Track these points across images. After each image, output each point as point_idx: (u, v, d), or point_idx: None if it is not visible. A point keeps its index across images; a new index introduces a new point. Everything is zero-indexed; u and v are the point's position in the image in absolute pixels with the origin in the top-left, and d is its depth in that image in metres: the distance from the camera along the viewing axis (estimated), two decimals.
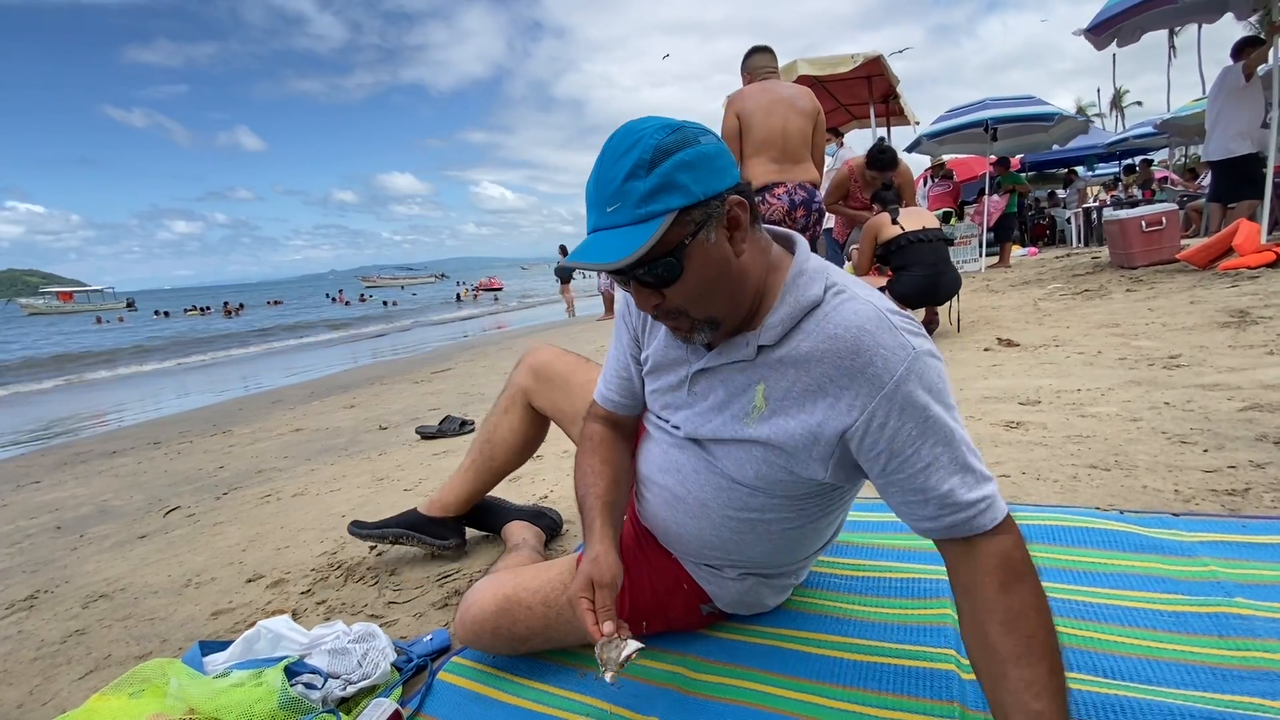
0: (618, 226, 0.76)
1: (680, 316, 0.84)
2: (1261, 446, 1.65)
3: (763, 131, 2.85)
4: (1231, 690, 0.87)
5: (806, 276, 0.86)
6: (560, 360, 1.44)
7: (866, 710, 0.93)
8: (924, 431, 0.77)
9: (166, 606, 1.64)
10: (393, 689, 1.10)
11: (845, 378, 0.79)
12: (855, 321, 0.80)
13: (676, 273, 0.78)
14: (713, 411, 0.94)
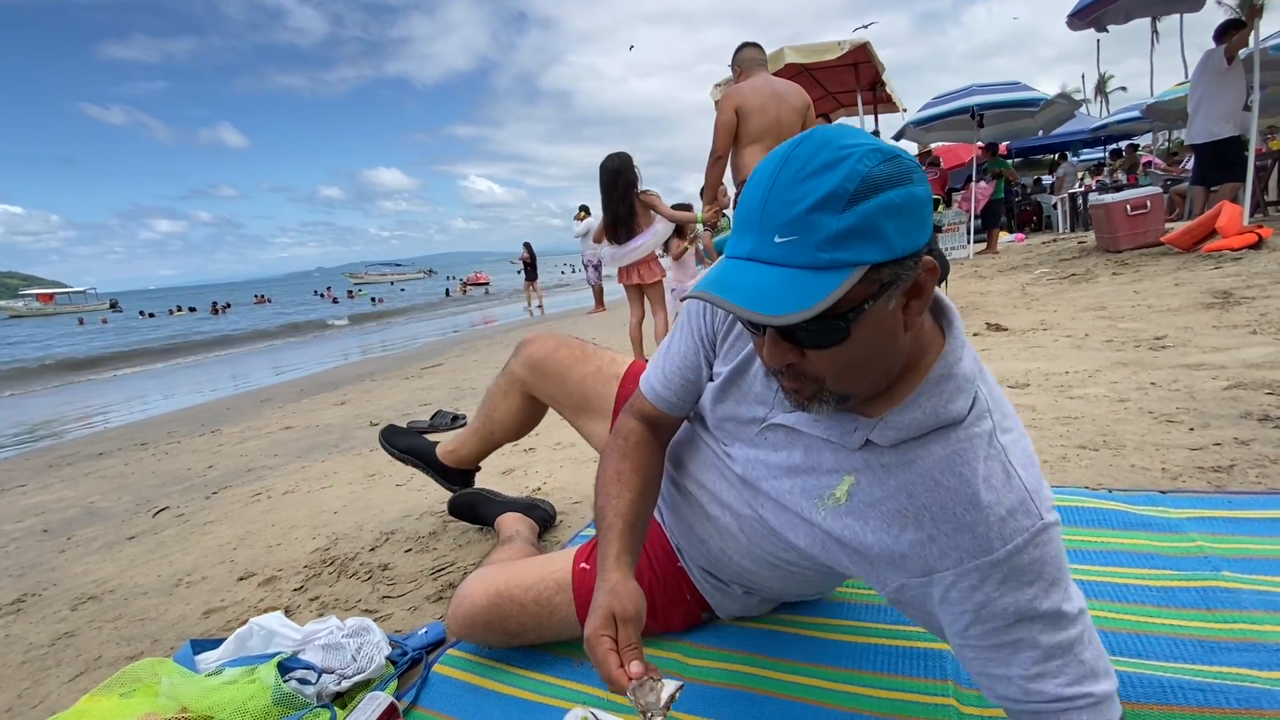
0: (785, 265, 0.59)
1: (808, 382, 0.68)
2: (1246, 424, 1.67)
3: (759, 123, 2.96)
4: (1219, 662, 0.88)
5: (954, 384, 0.70)
6: (558, 353, 1.37)
7: (861, 690, 0.94)
8: (1024, 612, 0.65)
9: (157, 607, 1.62)
10: (388, 682, 1.09)
11: (949, 523, 0.68)
12: (984, 470, 0.68)
13: (839, 339, 0.62)
14: (782, 473, 0.83)
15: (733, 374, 0.89)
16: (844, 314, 0.61)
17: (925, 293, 0.65)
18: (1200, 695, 0.81)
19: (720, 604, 1.10)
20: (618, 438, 0.98)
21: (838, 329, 0.62)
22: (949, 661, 0.96)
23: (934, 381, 0.71)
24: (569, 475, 2.16)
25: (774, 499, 0.84)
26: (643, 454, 0.96)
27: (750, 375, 0.87)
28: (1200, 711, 0.79)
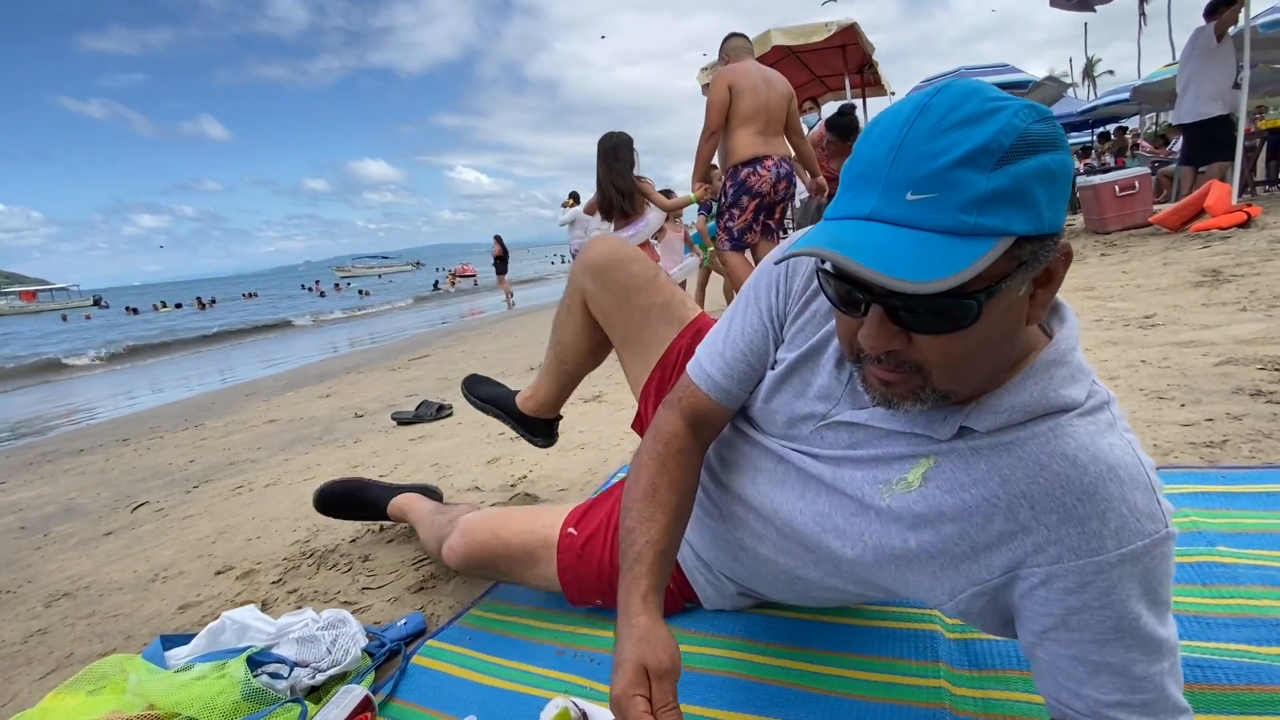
0: (918, 228, 0.51)
1: (910, 375, 0.59)
2: (1238, 399, 1.65)
3: (750, 104, 2.97)
4: (1217, 638, 0.86)
5: (1069, 370, 0.63)
6: (631, 266, 1.18)
7: (852, 674, 0.91)
8: (1122, 630, 0.57)
9: (131, 602, 1.58)
10: (364, 675, 1.06)
11: (1054, 516, 0.60)
12: (1107, 458, 0.59)
13: (965, 322, 0.54)
14: (842, 462, 0.75)
15: (797, 362, 0.79)
16: (976, 293, 0.52)
17: (1055, 282, 0.57)
18: (1199, 672, 0.79)
19: (709, 598, 1.07)
20: (657, 442, 0.85)
21: (967, 310, 0.53)
22: (940, 643, 0.93)
23: (1043, 366, 0.63)
24: (555, 464, 2.12)
25: (827, 485, 0.76)
26: (682, 467, 0.84)
27: (818, 365, 0.77)
28: (1199, 689, 0.77)
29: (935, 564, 0.68)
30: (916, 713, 0.82)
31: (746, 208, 3.09)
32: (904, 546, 0.69)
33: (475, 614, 1.21)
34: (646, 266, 1.20)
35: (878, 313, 0.57)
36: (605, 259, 1.19)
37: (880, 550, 0.71)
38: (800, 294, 0.80)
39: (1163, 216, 4.80)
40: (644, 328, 1.18)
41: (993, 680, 0.86)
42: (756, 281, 0.86)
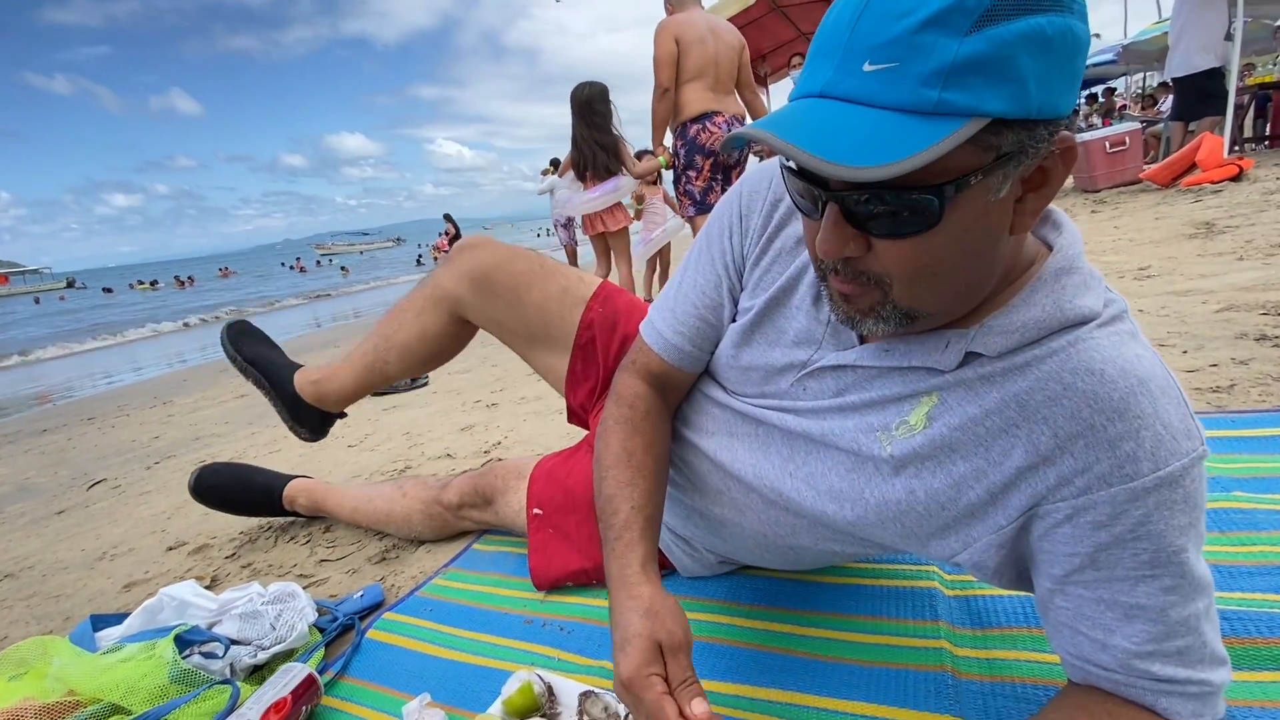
0: (873, 105, 0.43)
1: (868, 287, 0.52)
2: (1242, 344, 1.58)
3: (698, 57, 2.74)
4: (1240, 588, 0.79)
5: (1081, 277, 0.55)
6: (513, 265, 1.06)
7: (845, 636, 0.83)
8: (1158, 565, 0.50)
9: (75, 582, 1.47)
10: (313, 652, 0.96)
11: (1082, 440, 0.51)
12: (1136, 370, 0.51)
13: (926, 224, 0.46)
14: (832, 413, 0.65)
15: (767, 307, 0.70)
16: (939, 185, 0.44)
17: (1051, 184, 0.48)
18: (1228, 624, 0.72)
19: (687, 568, 0.99)
20: (621, 405, 0.78)
21: (926, 207, 0.45)
22: (939, 601, 0.86)
23: (1052, 276, 0.55)
24: (533, 428, 2.02)
25: (815, 442, 0.67)
26: (654, 428, 0.77)
27: (790, 307, 0.69)
28: (1231, 643, 0.69)
29: (946, 514, 0.59)
30: (916, 676, 0.74)
31: (702, 167, 2.86)
32: (910, 499, 0.60)
33: (438, 584, 1.12)
34: (529, 259, 1.08)
35: (833, 211, 0.49)
36: (483, 264, 1.05)
37: (884, 507, 0.62)
38: (760, 232, 0.71)
39: (1153, 172, 4.72)
40: (547, 322, 1.07)
41: (998, 639, 0.78)
42: (709, 226, 0.77)
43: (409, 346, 1.14)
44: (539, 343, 1.09)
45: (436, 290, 1.10)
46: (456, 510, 1.23)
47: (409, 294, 1.15)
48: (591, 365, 1.06)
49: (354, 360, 1.20)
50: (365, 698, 0.87)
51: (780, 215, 0.70)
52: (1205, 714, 0.51)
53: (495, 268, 1.05)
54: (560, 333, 1.06)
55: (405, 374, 1.19)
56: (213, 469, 1.39)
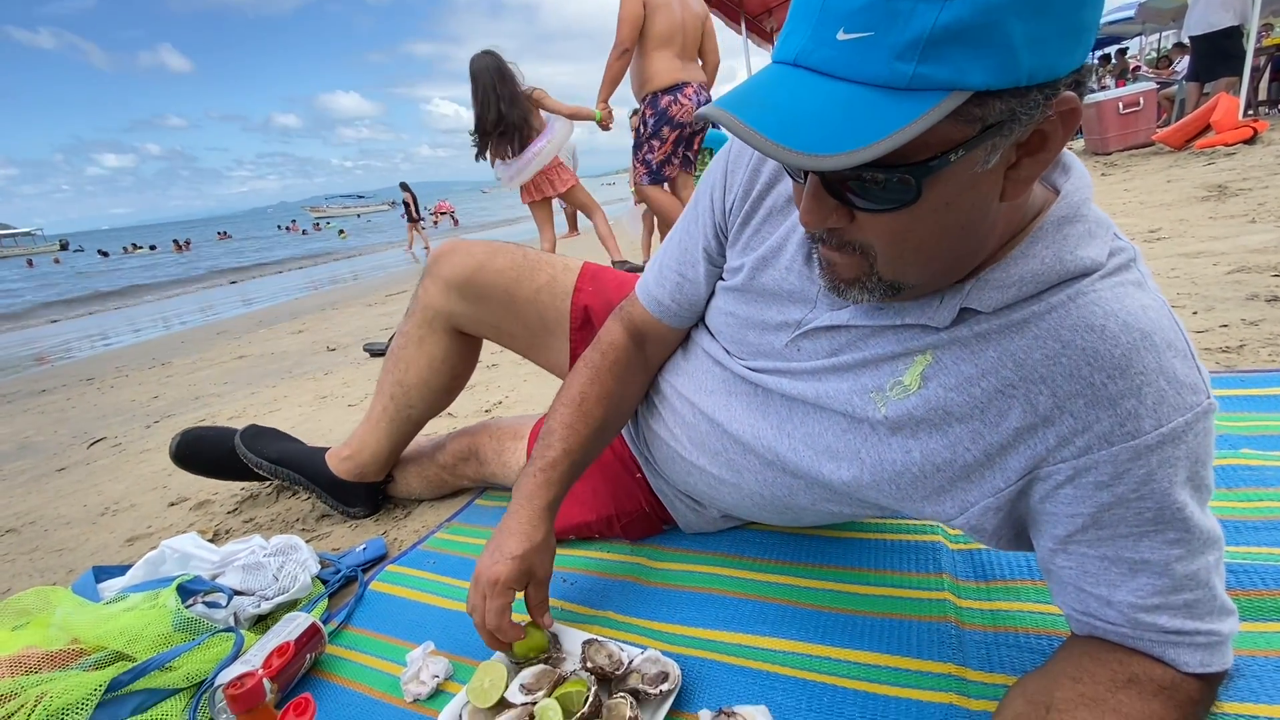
0: (845, 79, 0.40)
1: (853, 255, 0.50)
2: (1253, 305, 1.56)
3: (665, 23, 2.63)
4: (1246, 542, 0.78)
5: (1086, 225, 0.52)
6: (495, 262, 1.01)
7: (847, 588, 0.83)
8: (1162, 522, 0.49)
9: (78, 537, 1.48)
10: (316, 603, 0.97)
11: (1081, 400, 0.50)
12: (1139, 323, 0.48)
13: (904, 200, 0.44)
14: (826, 374, 0.64)
15: (757, 265, 0.69)
16: (917, 164, 0.41)
17: (1050, 148, 0.44)
18: (1233, 577, 0.71)
19: (690, 523, 0.98)
20: (595, 350, 0.82)
21: (903, 187, 0.43)
22: (943, 554, 0.85)
23: (1054, 225, 0.52)
24: (533, 389, 2.02)
25: (811, 405, 0.66)
26: (616, 379, 0.80)
27: (781, 266, 0.67)
28: (1235, 594, 0.69)
29: (942, 476, 0.58)
30: (919, 626, 0.74)
31: (667, 139, 2.81)
32: (906, 460, 0.59)
33: (440, 537, 1.12)
34: (510, 252, 1.03)
35: (813, 183, 0.47)
36: (464, 269, 1.00)
37: (879, 468, 0.61)
38: (747, 189, 0.70)
39: (1166, 134, 4.62)
40: (542, 315, 1.02)
41: (1001, 591, 0.78)
42: (700, 185, 0.76)
43: (425, 382, 1.09)
44: (539, 338, 1.06)
45: (427, 311, 1.05)
46: (452, 469, 1.22)
47: (400, 330, 1.10)
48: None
49: (376, 420, 1.14)
50: (369, 646, 0.87)
51: (770, 172, 0.69)
52: (1213, 663, 0.50)
53: (478, 269, 1.01)
54: (557, 324, 1.04)
55: (433, 410, 1.14)
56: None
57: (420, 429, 1.18)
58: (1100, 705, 0.49)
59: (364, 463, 1.18)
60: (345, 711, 0.76)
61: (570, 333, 1.03)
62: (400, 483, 1.27)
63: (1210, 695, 0.52)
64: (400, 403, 1.12)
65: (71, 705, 0.72)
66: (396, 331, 1.11)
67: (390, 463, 1.21)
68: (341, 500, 1.23)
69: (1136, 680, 0.50)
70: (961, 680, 0.66)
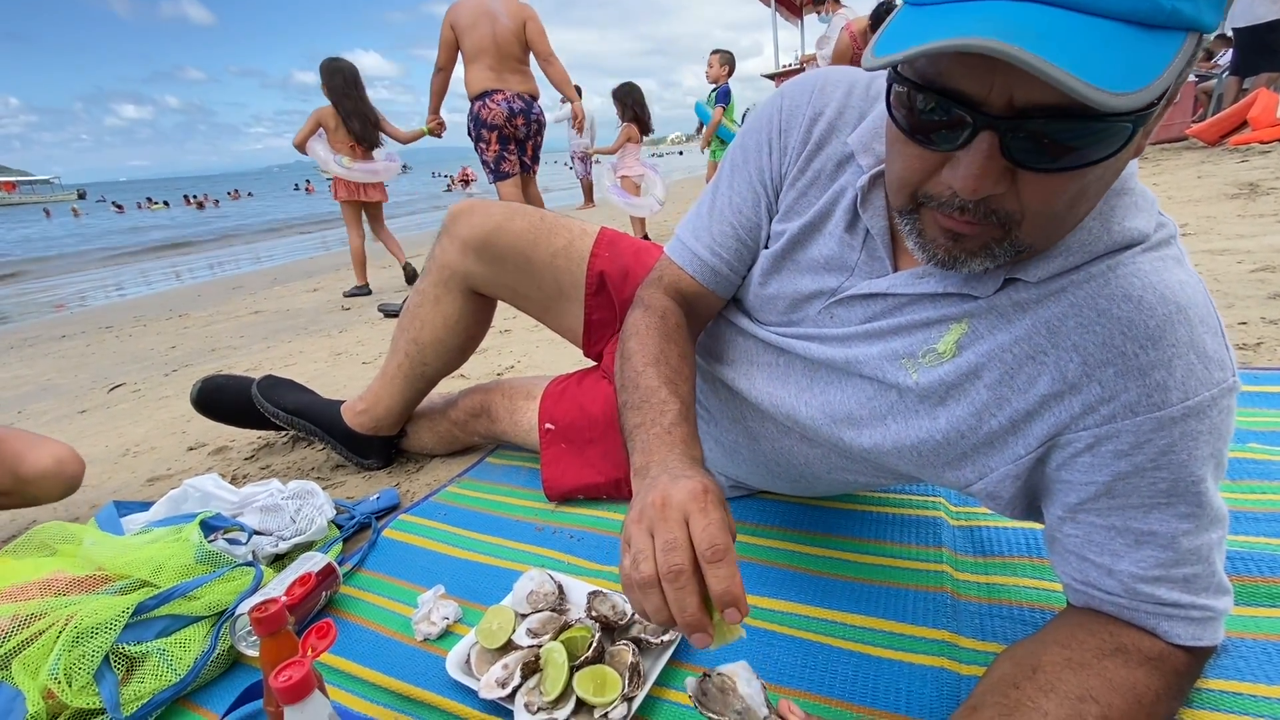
0: (1096, 13, 0.37)
1: (991, 227, 0.47)
2: (1274, 304, 1.54)
3: (473, 42, 2.95)
4: (1247, 531, 0.79)
5: (1133, 198, 0.53)
6: (514, 224, 1.00)
7: (846, 556, 0.85)
8: (1174, 495, 0.50)
9: (100, 475, 1.52)
10: (331, 545, 1.00)
11: (1111, 369, 0.50)
12: (1176, 297, 0.49)
13: (1108, 153, 0.42)
14: (857, 340, 0.63)
15: (801, 234, 0.67)
16: (1140, 111, 0.39)
17: (1173, 104, 0.43)
18: (1230, 564, 0.72)
19: None
20: (650, 315, 0.72)
21: (1117, 136, 0.40)
22: (944, 529, 0.87)
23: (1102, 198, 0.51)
24: (545, 355, 2.03)
25: (839, 370, 0.65)
26: (686, 340, 0.72)
27: (825, 233, 0.66)
28: (1230, 579, 0.70)
29: (966, 443, 0.58)
30: (916, 595, 0.76)
31: (489, 140, 3.07)
32: (931, 427, 0.59)
33: (452, 490, 1.15)
34: (528, 215, 1.02)
35: (988, 143, 0.42)
36: (482, 229, 1.00)
37: (903, 434, 0.61)
38: (799, 151, 0.67)
39: (1201, 129, 4.51)
40: (558, 279, 1.02)
41: (998, 566, 0.80)
42: (744, 141, 0.71)
43: (440, 340, 1.11)
44: (554, 302, 1.06)
45: (444, 271, 1.06)
46: (464, 426, 1.24)
47: (416, 288, 1.11)
48: (608, 311, 1.05)
49: (391, 376, 1.16)
50: (382, 589, 0.90)
51: (819, 134, 0.66)
52: (1205, 638, 0.52)
53: (496, 230, 1.00)
54: (572, 288, 1.03)
55: (447, 369, 1.16)
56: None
57: (434, 386, 1.21)
58: (1085, 669, 0.50)
59: (378, 416, 1.21)
60: (358, 647, 0.79)
61: (585, 298, 1.04)
62: (413, 437, 1.30)
63: (1196, 670, 0.54)
64: (415, 360, 1.14)
65: (100, 625, 0.75)
66: (413, 289, 1.12)
67: (404, 417, 1.24)
68: (356, 452, 1.26)
69: (1124, 650, 0.51)
70: (954, 646, 0.68)
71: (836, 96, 0.65)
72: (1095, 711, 0.48)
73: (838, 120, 0.65)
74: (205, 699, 0.75)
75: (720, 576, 0.44)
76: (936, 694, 0.64)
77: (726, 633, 0.46)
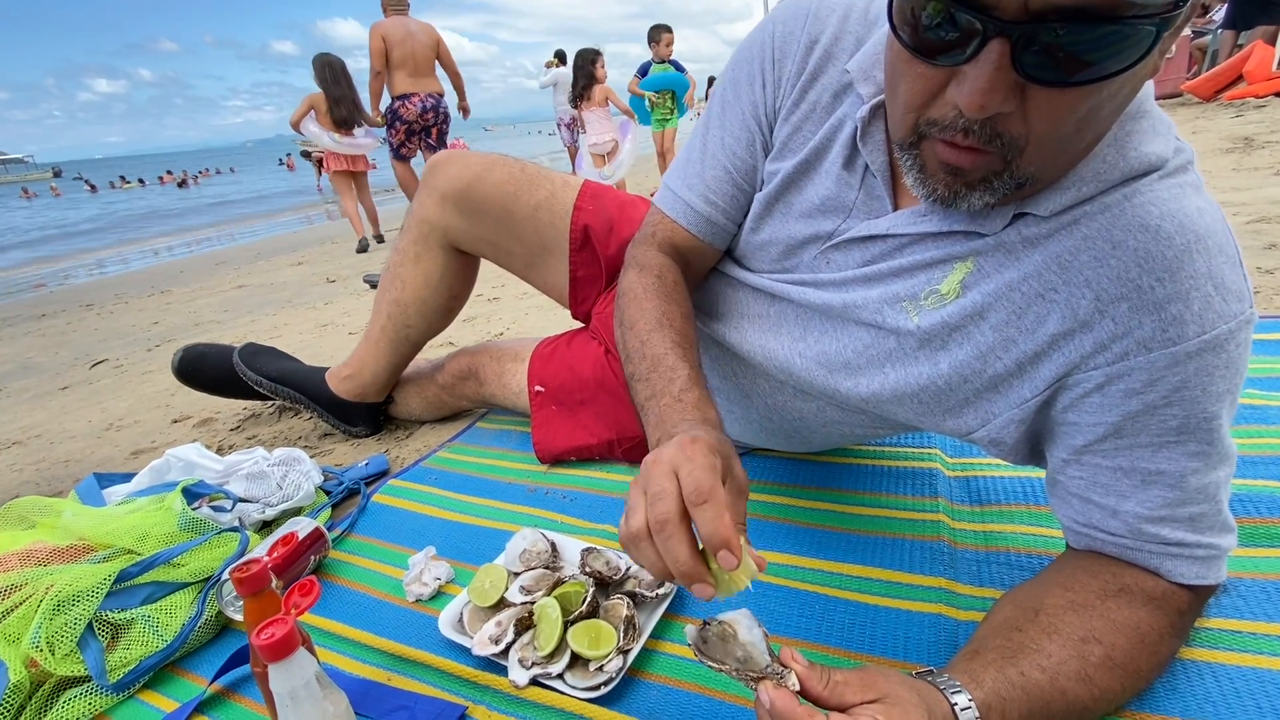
0: None
1: (994, 154, 0.44)
2: (1271, 254, 1.53)
3: (400, 53, 3.81)
4: (1248, 475, 0.79)
5: (1150, 121, 0.49)
6: (493, 174, 0.96)
7: (842, 508, 0.84)
8: (1186, 431, 0.48)
9: (83, 449, 1.50)
10: (320, 511, 0.98)
11: (1126, 304, 0.47)
12: (1195, 225, 0.46)
13: (1129, 62, 0.38)
14: (855, 284, 0.60)
15: (795, 173, 0.63)
16: (1163, 13, 0.36)
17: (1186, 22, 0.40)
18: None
19: None
20: (647, 274, 0.68)
21: (1140, 42, 0.37)
22: (939, 480, 0.86)
23: (1116, 121, 0.48)
24: (535, 321, 2.00)
25: (835, 316, 0.62)
26: (685, 298, 0.68)
27: (820, 171, 0.62)
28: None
29: (969, 388, 0.56)
30: (913, 545, 0.76)
31: (399, 130, 4.01)
32: (933, 373, 0.57)
33: (442, 455, 1.14)
34: (508, 165, 0.99)
35: (999, 52, 0.39)
36: (460, 180, 0.96)
37: (903, 381, 0.58)
38: (794, 81, 0.62)
39: (1195, 84, 4.45)
40: (540, 233, 0.98)
41: (994, 514, 0.79)
42: (735, 74, 0.66)
43: (422, 299, 1.07)
44: (537, 257, 1.03)
45: (423, 226, 1.02)
46: (452, 389, 1.22)
47: (396, 246, 1.07)
48: (594, 267, 1.01)
49: (374, 339, 1.13)
50: (372, 552, 0.89)
51: (815, 62, 0.61)
52: (1209, 576, 0.51)
53: (475, 180, 0.97)
54: (555, 243, 1.00)
55: (431, 330, 1.13)
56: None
57: (419, 349, 1.18)
58: (1088, 610, 0.49)
59: (364, 382, 1.18)
60: (349, 610, 0.78)
61: (570, 253, 1.00)
62: (400, 403, 1.27)
63: (1198, 608, 0.54)
64: (398, 322, 1.10)
65: (81, 593, 0.73)
66: (393, 248, 1.09)
67: (390, 383, 1.21)
68: (343, 419, 1.23)
69: (1127, 590, 0.51)
70: (951, 593, 0.68)
71: (833, 21, 0.61)
72: (1099, 652, 0.47)
73: (834, 46, 0.60)
74: (194, 664, 0.73)
75: (705, 519, 0.42)
76: (934, 639, 0.63)
77: (730, 582, 0.43)
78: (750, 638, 0.46)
